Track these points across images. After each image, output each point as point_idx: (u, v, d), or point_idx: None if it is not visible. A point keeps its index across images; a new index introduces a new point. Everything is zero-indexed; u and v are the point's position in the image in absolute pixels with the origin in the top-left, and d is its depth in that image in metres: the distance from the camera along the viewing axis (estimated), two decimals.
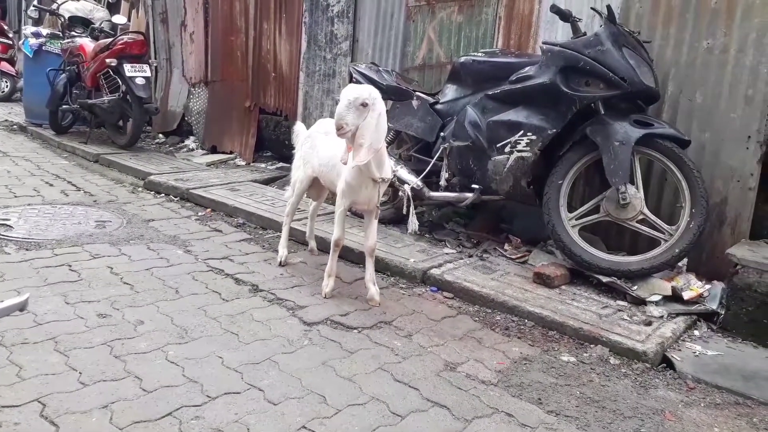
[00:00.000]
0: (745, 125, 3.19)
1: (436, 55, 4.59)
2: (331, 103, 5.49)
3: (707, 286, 3.06)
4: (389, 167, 2.87)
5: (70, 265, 3.16)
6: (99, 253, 3.40)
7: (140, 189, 5.15)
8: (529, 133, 3.32)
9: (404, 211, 3.09)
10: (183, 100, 7.34)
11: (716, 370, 2.52)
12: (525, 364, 2.50)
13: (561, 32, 3.86)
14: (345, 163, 2.75)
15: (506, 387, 2.30)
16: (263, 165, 6.26)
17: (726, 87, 3.24)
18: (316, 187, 3.46)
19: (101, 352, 2.28)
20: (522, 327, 2.86)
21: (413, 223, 3.06)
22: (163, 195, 4.97)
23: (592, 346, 2.69)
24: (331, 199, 3.70)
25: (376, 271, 3.45)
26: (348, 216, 4.36)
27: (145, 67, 6.31)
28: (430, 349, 2.56)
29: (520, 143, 3.36)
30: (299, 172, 3.41)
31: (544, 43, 3.33)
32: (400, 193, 3.06)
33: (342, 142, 3.01)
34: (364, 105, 2.59)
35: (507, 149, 3.41)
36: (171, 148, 7.09)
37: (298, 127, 3.59)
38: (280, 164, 6.24)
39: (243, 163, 6.38)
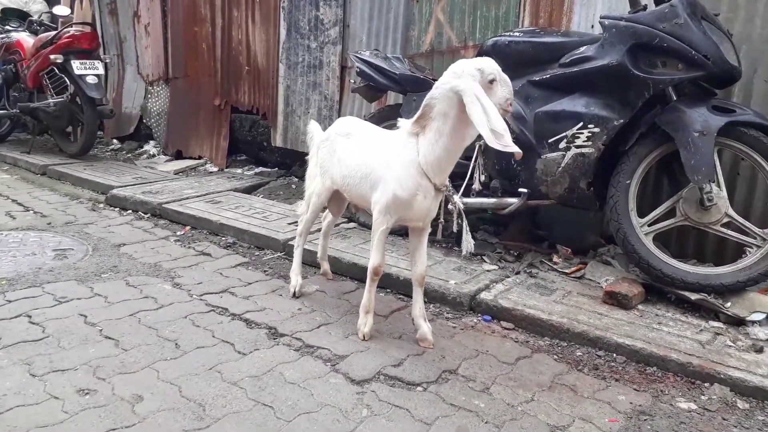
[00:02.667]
0: None
1: (446, 39, 4.01)
2: (318, 99, 4.85)
3: None
4: None
5: (29, 316, 2.46)
6: (65, 295, 2.69)
7: (102, 205, 4.39)
8: (590, 125, 2.79)
9: (455, 228, 2.51)
10: (140, 100, 6.53)
11: None
12: (644, 420, 1.96)
13: (600, 8, 3.35)
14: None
15: None
16: (239, 170, 5.56)
17: None
18: (335, 200, 2.84)
19: None
20: (613, 364, 2.33)
21: (468, 242, 2.49)
22: (130, 212, 4.24)
23: (706, 385, 2.18)
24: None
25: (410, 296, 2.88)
26: (356, 228, 3.77)
27: (97, 63, 5.50)
28: (521, 407, 2.00)
29: (579, 137, 2.82)
30: (315, 183, 2.77)
31: (604, 17, 2.79)
32: (450, 206, 2.48)
33: (380, 145, 2.40)
34: None
35: (562, 145, 2.87)
36: (129, 155, 6.29)
37: (313, 126, 2.94)
38: (259, 169, 5.56)
39: (215, 169, 5.66)
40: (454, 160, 2.23)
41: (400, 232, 3.60)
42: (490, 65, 2.09)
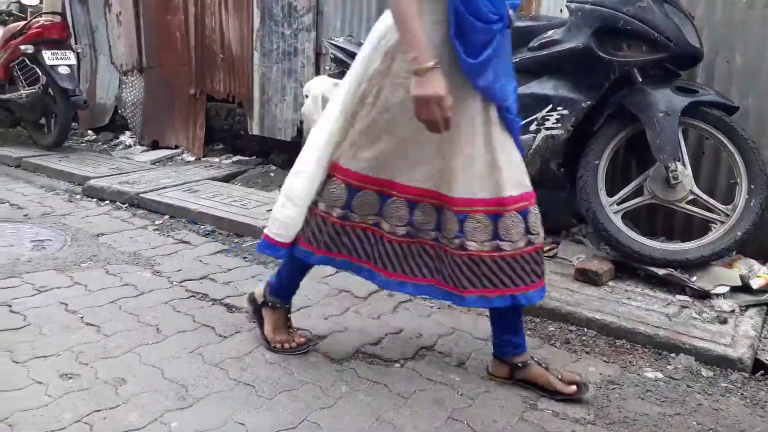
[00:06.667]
0: None
1: None
2: (294, 86, 4.85)
3: None
4: None
5: (9, 306, 2.46)
6: (45, 284, 2.69)
7: (78, 196, 4.37)
8: (559, 107, 2.86)
9: None
10: (114, 90, 6.46)
11: None
12: (613, 389, 2.05)
13: None
14: None
15: (608, 425, 1.84)
16: (216, 159, 5.54)
17: None
18: None
19: None
20: (584, 338, 2.42)
21: None
22: (107, 202, 4.22)
23: (673, 355, 2.28)
24: None
25: None
26: None
27: (69, 53, 5.43)
28: (495, 380, 2.07)
29: (548, 119, 2.89)
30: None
31: (571, 1, 2.86)
32: None
33: None
34: None
35: (533, 127, 2.93)
36: (105, 146, 6.23)
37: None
38: (236, 157, 5.55)
39: (192, 159, 5.63)
40: None
41: None
42: None
